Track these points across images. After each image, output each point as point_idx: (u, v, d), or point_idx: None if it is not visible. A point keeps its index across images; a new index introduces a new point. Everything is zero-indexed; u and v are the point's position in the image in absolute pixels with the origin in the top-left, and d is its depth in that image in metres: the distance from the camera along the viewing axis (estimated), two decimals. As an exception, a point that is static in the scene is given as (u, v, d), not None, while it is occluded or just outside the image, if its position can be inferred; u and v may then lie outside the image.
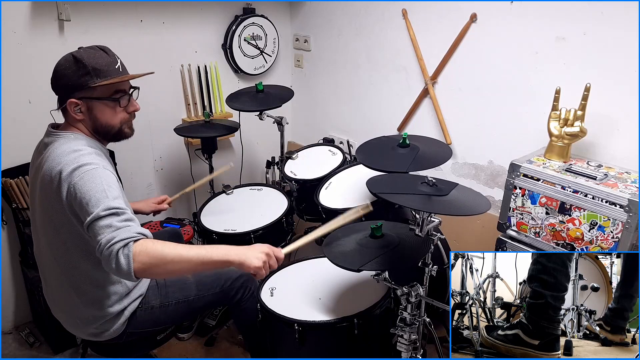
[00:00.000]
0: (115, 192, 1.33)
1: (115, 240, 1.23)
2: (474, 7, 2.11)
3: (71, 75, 1.43)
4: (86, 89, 1.43)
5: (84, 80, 1.42)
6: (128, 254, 1.23)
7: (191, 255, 1.31)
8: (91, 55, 1.44)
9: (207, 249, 1.35)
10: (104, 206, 1.28)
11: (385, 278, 1.57)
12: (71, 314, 1.57)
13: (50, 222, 1.45)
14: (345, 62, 2.77)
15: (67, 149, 1.40)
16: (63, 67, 1.44)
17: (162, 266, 1.28)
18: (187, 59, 2.65)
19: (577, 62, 1.86)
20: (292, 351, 1.67)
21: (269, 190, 2.43)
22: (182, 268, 1.32)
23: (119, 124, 1.52)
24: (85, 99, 1.45)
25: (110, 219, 1.27)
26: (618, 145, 1.82)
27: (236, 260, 1.34)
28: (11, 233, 2.26)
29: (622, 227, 1.57)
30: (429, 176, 1.54)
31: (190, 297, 1.68)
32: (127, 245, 1.24)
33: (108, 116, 1.49)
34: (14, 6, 2.05)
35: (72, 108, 1.45)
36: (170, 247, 1.30)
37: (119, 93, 1.49)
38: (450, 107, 2.33)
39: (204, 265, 1.33)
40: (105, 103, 1.47)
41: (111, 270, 1.25)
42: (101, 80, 1.43)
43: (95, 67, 1.43)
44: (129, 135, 1.58)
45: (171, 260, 1.28)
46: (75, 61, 1.43)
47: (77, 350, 2.21)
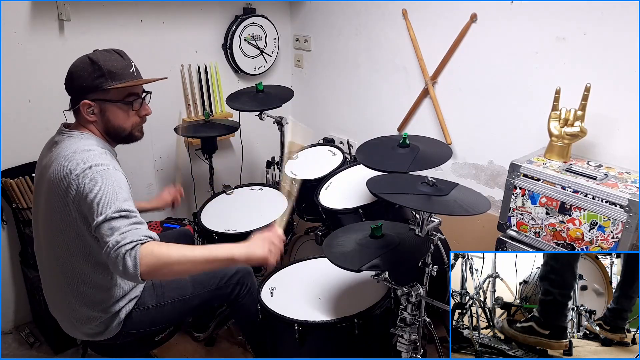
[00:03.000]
0: (126, 194, 1.34)
1: (122, 242, 1.24)
2: (474, 7, 2.11)
3: (86, 76, 1.44)
4: (100, 91, 1.45)
5: (99, 82, 1.44)
6: (135, 257, 1.23)
7: (196, 255, 1.32)
8: (107, 58, 1.46)
9: (211, 249, 1.36)
10: (115, 208, 1.28)
11: (385, 278, 1.56)
12: (67, 313, 1.57)
13: (53, 221, 1.45)
14: (345, 62, 2.77)
15: (76, 148, 1.41)
16: (78, 69, 1.45)
17: (168, 267, 1.29)
18: (187, 59, 2.65)
19: (577, 62, 1.86)
20: (292, 351, 1.67)
21: (269, 190, 2.43)
22: (187, 269, 1.33)
23: (131, 127, 1.54)
24: (98, 100, 1.46)
25: (119, 222, 1.27)
26: (618, 145, 1.82)
27: (241, 256, 1.36)
28: (11, 233, 2.26)
29: (622, 227, 1.57)
30: (429, 176, 1.54)
31: (186, 296, 1.69)
32: (134, 248, 1.24)
33: (120, 119, 1.51)
34: (14, 6, 2.05)
35: (84, 109, 1.46)
36: (176, 249, 1.31)
37: (132, 96, 1.51)
38: (450, 107, 2.33)
39: (209, 264, 1.35)
40: (118, 106, 1.49)
41: (118, 272, 1.26)
42: (116, 83, 1.45)
43: (110, 69, 1.44)
44: (139, 138, 1.59)
45: (177, 261, 1.29)
46: (91, 63, 1.44)
47: (77, 351, 2.21)
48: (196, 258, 1.32)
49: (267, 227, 1.56)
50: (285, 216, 1.66)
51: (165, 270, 1.29)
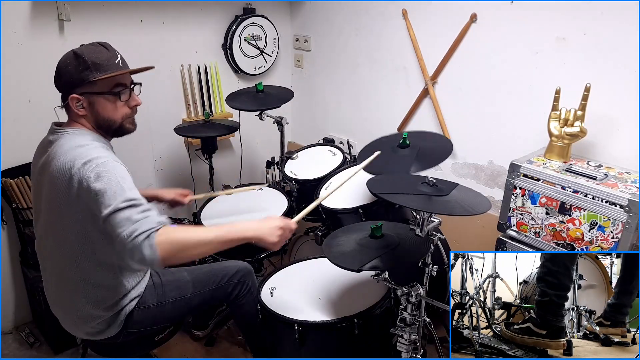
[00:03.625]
0: (129, 182, 1.35)
1: (137, 232, 1.25)
2: (474, 7, 2.11)
3: (72, 71, 1.44)
4: (87, 84, 1.45)
5: (84, 75, 1.44)
6: (152, 245, 1.25)
7: (211, 237, 1.37)
8: (91, 51, 1.46)
9: (224, 230, 1.40)
10: (122, 198, 1.29)
11: (385, 278, 1.57)
12: (69, 311, 1.57)
13: (56, 220, 1.45)
14: (345, 62, 2.77)
15: (73, 144, 1.41)
16: (64, 64, 1.46)
17: (186, 251, 1.33)
18: (187, 59, 2.65)
19: (577, 62, 1.86)
20: (292, 351, 1.67)
21: (269, 190, 2.43)
22: (204, 251, 1.40)
23: (121, 119, 1.53)
24: (86, 94, 1.46)
25: (129, 211, 1.28)
26: (618, 145, 1.82)
27: (254, 236, 1.42)
28: (11, 233, 2.26)
29: (622, 227, 1.57)
30: (429, 176, 1.54)
31: (187, 295, 1.69)
32: (150, 237, 1.26)
33: (109, 111, 1.50)
34: (14, 6, 2.05)
35: (74, 104, 1.46)
36: (191, 232, 1.36)
37: (119, 87, 1.50)
38: (450, 107, 2.33)
39: (224, 244, 1.40)
40: (106, 97, 1.48)
41: (135, 261, 1.27)
42: (101, 74, 1.44)
43: (95, 61, 1.44)
44: (131, 130, 1.58)
45: (193, 245, 1.34)
46: (76, 57, 1.44)
47: (77, 351, 2.21)
48: (211, 240, 1.37)
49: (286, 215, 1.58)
50: (306, 211, 1.62)
51: (182, 254, 1.34)
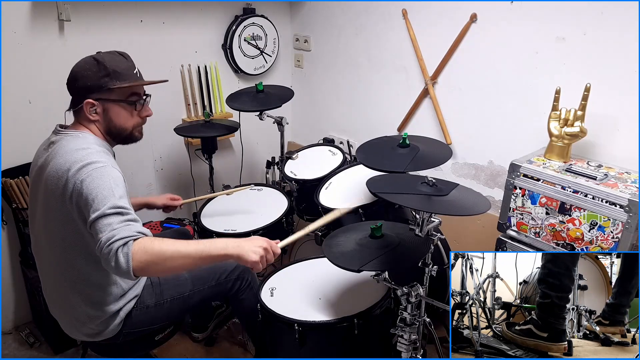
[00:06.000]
0: (122, 191, 1.35)
1: (115, 238, 1.24)
2: (474, 7, 2.11)
3: (91, 76, 1.46)
4: (104, 91, 1.47)
5: (104, 81, 1.46)
6: (127, 253, 1.23)
7: (190, 251, 1.32)
8: (111, 59, 1.49)
9: (205, 244, 1.35)
10: (110, 204, 1.29)
11: (385, 278, 1.57)
12: (68, 313, 1.57)
13: (52, 220, 1.45)
14: (345, 62, 2.77)
15: (74, 147, 1.42)
16: (83, 68, 1.47)
17: (161, 264, 1.28)
18: (187, 59, 2.65)
19: (577, 62, 1.86)
20: (292, 351, 1.67)
21: (269, 190, 2.43)
22: (181, 264, 1.33)
23: (132, 127, 1.56)
24: (102, 100, 1.48)
25: (113, 218, 1.28)
26: (618, 145, 1.82)
27: (234, 253, 1.35)
28: (11, 233, 2.26)
29: (622, 227, 1.57)
30: (429, 176, 1.54)
31: (185, 293, 1.69)
32: (127, 244, 1.24)
33: (123, 119, 1.53)
34: (14, 6, 2.05)
35: (87, 108, 1.47)
36: (169, 244, 1.30)
37: (135, 96, 1.54)
38: (450, 107, 2.33)
39: (202, 260, 1.34)
40: (122, 106, 1.51)
41: (111, 269, 1.25)
42: (120, 83, 1.47)
43: (115, 69, 1.47)
44: (138, 139, 1.61)
45: (170, 257, 1.29)
46: (97, 63, 1.46)
47: (77, 351, 2.21)
48: (190, 254, 1.31)
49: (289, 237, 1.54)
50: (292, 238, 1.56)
51: (158, 267, 1.29)
